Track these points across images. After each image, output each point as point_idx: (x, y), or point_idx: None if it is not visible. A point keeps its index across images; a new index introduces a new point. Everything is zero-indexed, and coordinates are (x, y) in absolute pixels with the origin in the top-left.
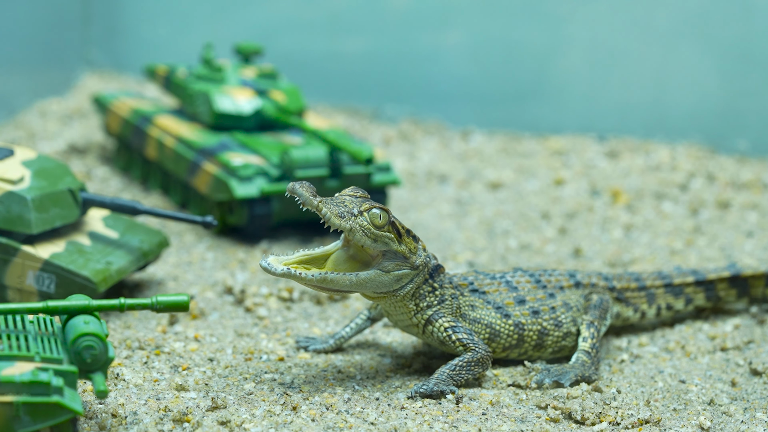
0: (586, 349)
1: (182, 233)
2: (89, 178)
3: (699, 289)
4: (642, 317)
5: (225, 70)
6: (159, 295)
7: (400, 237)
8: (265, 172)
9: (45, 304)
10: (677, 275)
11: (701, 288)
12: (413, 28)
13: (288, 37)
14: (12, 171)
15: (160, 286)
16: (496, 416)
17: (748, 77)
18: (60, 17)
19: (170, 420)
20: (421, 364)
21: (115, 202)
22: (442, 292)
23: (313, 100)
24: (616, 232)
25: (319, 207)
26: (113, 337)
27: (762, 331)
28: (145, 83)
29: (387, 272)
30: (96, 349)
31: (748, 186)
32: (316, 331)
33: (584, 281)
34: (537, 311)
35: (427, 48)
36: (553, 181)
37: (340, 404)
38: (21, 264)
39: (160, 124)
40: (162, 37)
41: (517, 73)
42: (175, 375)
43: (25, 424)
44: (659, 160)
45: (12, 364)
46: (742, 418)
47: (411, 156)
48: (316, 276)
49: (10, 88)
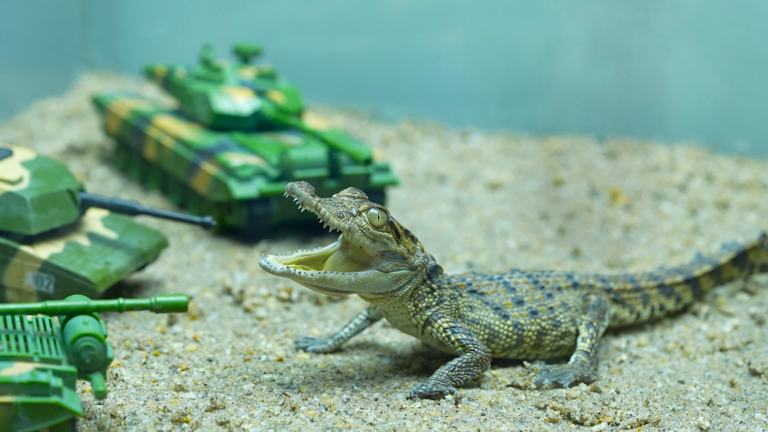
0: (585, 349)
1: (181, 234)
2: (88, 179)
3: (687, 287)
4: (637, 318)
5: (224, 71)
6: (158, 296)
7: (399, 237)
8: (264, 173)
9: (44, 305)
10: (666, 275)
11: (689, 285)
12: (412, 28)
13: (287, 38)
14: (11, 171)
15: (159, 286)
16: (495, 417)
17: (747, 78)
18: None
19: (169, 420)
20: (419, 365)
21: (114, 203)
22: (441, 293)
23: (312, 100)
24: (615, 232)
25: (318, 207)
26: (112, 337)
27: (761, 331)
28: (144, 84)
29: (385, 272)
30: (95, 350)
31: (747, 186)
32: (315, 331)
33: (582, 282)
34: (535, 312)
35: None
36: (552, 182)
37: (339, 405)
38: (20, 264)
39: (159, 124)
40: (161, 37)
41: (516, 73)
42: (174, 375)
43: (24, 425)
44: (658, 160)
45: (11, 365)
46: (741, 419)
47: (410, 156)
48: (315, 275)
49: (9, 88)
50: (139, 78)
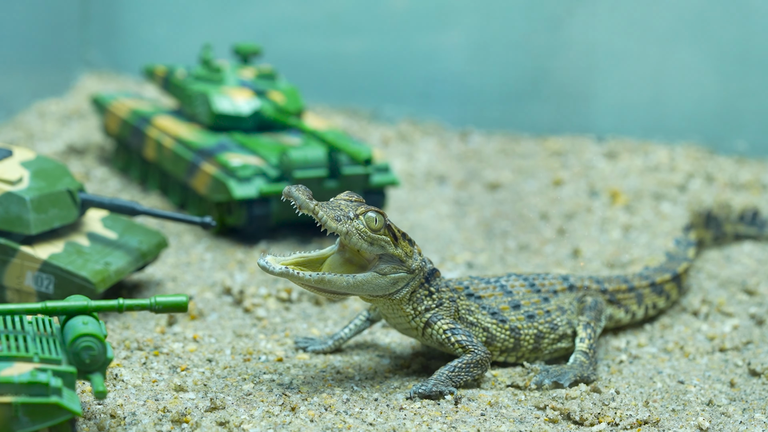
0: (583, 349)
1: (181, 234)
2: (88, 179)
3: (674, 284)
4: (632, 318)
5: (224, 71)
6: (158, 296)
7: (396, 240)
8: (264, 173)
9: (44, 305)
10: (656, 274)
11: (675, 283)
12: (412, 28)
13: (287, 38)
14: (11, 171)
15: (158, 286)
16: (494, 417)
17: (747, 78)
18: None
19: (169, 421)
20: (419, 365)
21: (113, 203)
22: (440, 296)
23: (312, 100)
24: (614, 232)
25: (315, 210)
26: (112, 337)
27: (761, 331)
28: (144, 84)
29: (383, 275)
30: (95, 350)
31: (747, 187)
32: (314, 331)
33: (577, 284)
34: (532, 315)
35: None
36: (552, 182)
37: (338, 405)
38: (20, 265)
39: (159, 124)
40: (161, 37)
41: (516, 73)
42: (174, 376)
43: (23, 425)
44: (658, 160)
45: (11, 365)
46: (741, 419)
47: (410, 156)
48: (314, 276)
49: (8, 88)
50: (138, 78)
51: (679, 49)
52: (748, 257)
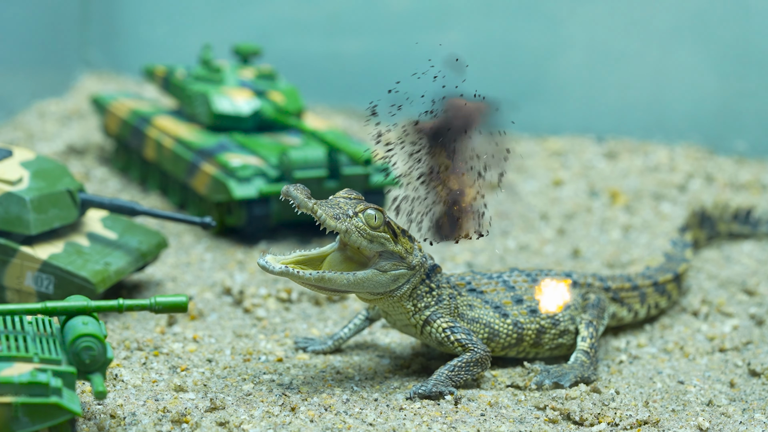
0: (585, 348)
1: (181, 234)
2: (88, 179)
3: (675, 284)
4: (635, 317)
5: (223, 71)
6: (158, 296)
7: (396, 237)
8: (264, 173)
9: (44, 305)
10: (658, 274)
11: (676, 283)
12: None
13: (286, 38)
14: (10, 172)
15: (158, 286)
16: (494, 417)
17: (747, 78)
18: (58, 18)
19: (169, 421)
20: (419, 365)
21: (113, 203)
22: (440, 293)
23: (312, 100)
24: (614, 232)
25: (314, 209)
26: (112, 337)
27: (760, 332)
28: (144, 84)
29: (384, 272)
30: (94, 350)
31: (747, 187)
32: (314, 331)
33: (580, 281)
34: (534, 310)
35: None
36: (552, 182)
37: (338, 405)
38: (19, 265)
39: (159, 124)
40: (160, 37)
41: (516, 74)
42: (174, 376)
43: (23, 425)
44: (658, 161)
45: (11, 365)
46: (741, 419)
47: None
48: (314, 275)
49: (8, 88)
50: (138, 78)
51: (679, 49)
52: (748, 257)
